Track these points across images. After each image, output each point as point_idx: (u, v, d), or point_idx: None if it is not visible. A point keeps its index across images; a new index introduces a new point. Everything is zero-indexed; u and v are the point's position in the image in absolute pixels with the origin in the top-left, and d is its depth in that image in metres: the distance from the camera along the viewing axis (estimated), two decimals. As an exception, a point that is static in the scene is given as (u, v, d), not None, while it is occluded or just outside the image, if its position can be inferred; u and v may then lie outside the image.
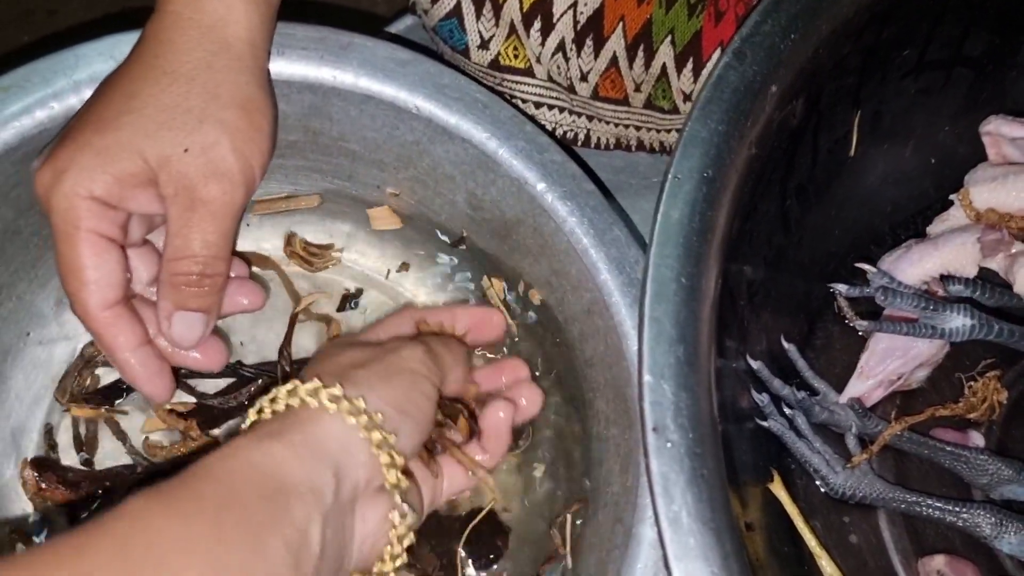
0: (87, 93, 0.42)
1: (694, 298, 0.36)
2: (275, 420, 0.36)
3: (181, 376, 0.50)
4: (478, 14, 0.51)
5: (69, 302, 0.38)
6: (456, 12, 0.50)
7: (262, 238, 0.54)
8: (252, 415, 0.37)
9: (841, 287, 0.50)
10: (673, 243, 0.36)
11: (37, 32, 0.93)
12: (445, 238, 0.52)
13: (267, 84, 0.41)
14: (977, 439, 0.50)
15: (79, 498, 0.46)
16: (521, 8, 0.51)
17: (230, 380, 0.51)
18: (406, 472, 0.37)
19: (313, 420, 0.35)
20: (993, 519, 0.46)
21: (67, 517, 0.45)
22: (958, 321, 0.46)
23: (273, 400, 0.37)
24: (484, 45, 0.51)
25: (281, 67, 0.44)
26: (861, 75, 0.49)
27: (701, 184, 0.37)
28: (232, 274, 0.42)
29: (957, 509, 0.47)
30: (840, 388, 0.50)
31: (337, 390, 0.36)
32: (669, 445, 0.33)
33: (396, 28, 0.57)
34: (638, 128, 0.57)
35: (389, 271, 0.55)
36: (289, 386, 0.36)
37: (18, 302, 0.47)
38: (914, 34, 0.49)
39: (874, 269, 0.48)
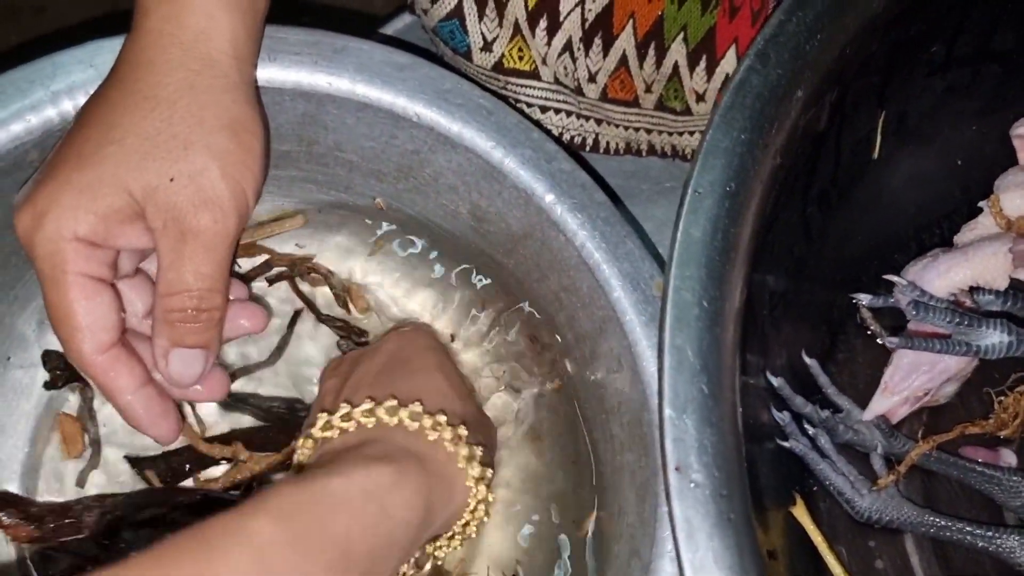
0: (66, 104, 0.40)
1: (717, 323, 0.33)
2: (376, 442, 0.38)
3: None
4: (481, 14, 0.48)
5: (63, 348, 0.36)
6: (457, 12, 0.47)
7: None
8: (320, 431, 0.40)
9: (863, 298, 0.47)
10: (695, 264, 0.34)
11: (24, 31, 0.91)
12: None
13: (255, 100, 0.39)
14: (1009, 457, 0.48)
15: (44, 534, 0.43)
16: (526, 6, 0.48)
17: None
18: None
19: (423, 454, 0.38)
20: (1028, 544, 0.44)
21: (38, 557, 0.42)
22: (995, 337, 0.43)
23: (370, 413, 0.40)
24: (487, 47, 0.49)
25: (273, 73, 0.41)
26: (887, 74, 0.46)
27: (723, 199, 0.35)
28: (231, 296, 0.40)
29: (990, 534, 0.44)
30: (864, 404, 0.48)
31: (463, 431, 0.40)
32: (693, 486, 0.31)
33: (393, 27, 0.55)
34: (649, 131, 0.54)
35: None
36: (415, 408, 0.40)
37: (-3, 325, 0.44)
38: (943, 28, 0.47)
39: (903, 281, 0.45)
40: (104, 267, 0.36)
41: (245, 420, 0.49)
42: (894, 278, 0.46)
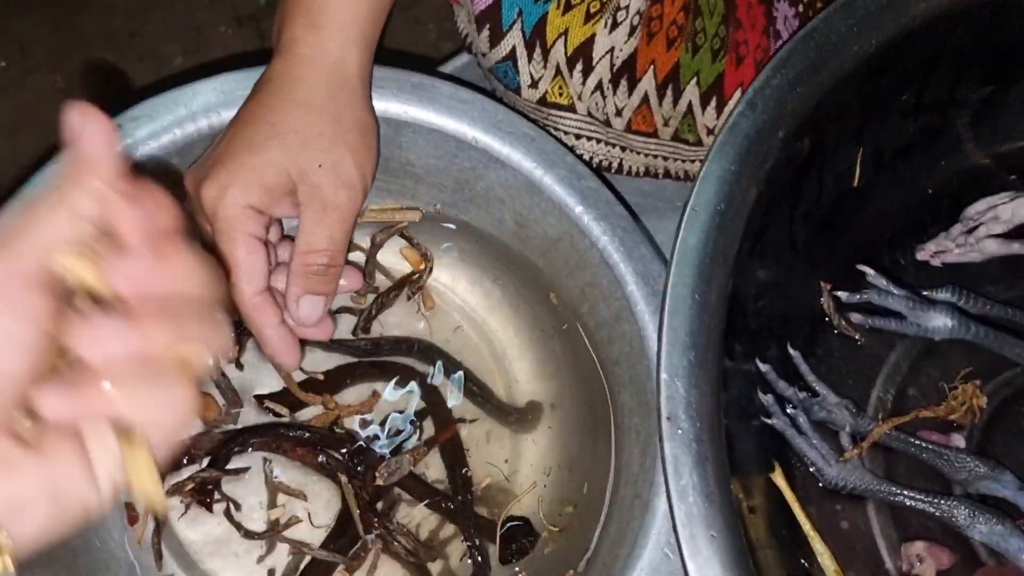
0: (202, 121, 0.50)
1: (705, 311, 0.43)
2: None
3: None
4: (530, 58, 0.58)
5: (231, 291, 0.46)
6: (511, 56, 0.57)
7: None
8: None
9: (842, 294, 0.57)
10: (689, 265, 0.43)
11: (119, 52, 1.02)
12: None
13: (373, 109, 0.50)
14: (958, 441, 0.57)
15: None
16: (566, 52, 0.58)
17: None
18: None
19: None
20: (967, 510, 0.52)
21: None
22: (939, 320, 0.53)
23: None
24: (534, 84, 0.59)
25: (361, 103, 0.52)
26: (863, 117, 0.56)
27: (714, 216, 0.45)
28: None
29: (936, 501, 0.53)
30: (839, 391, 0.57)
31: None
32: (680, 432, 0.40)
33: (452, 65, 0.65)
34: (666, 159, 0.64)
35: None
36: None
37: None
38: (911, 82, 0.56)
39: (872, 272, 0.55)
40: (263, 230, 0.46)
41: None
42: (866, 268, 0.55)
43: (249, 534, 0.54)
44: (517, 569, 0.54)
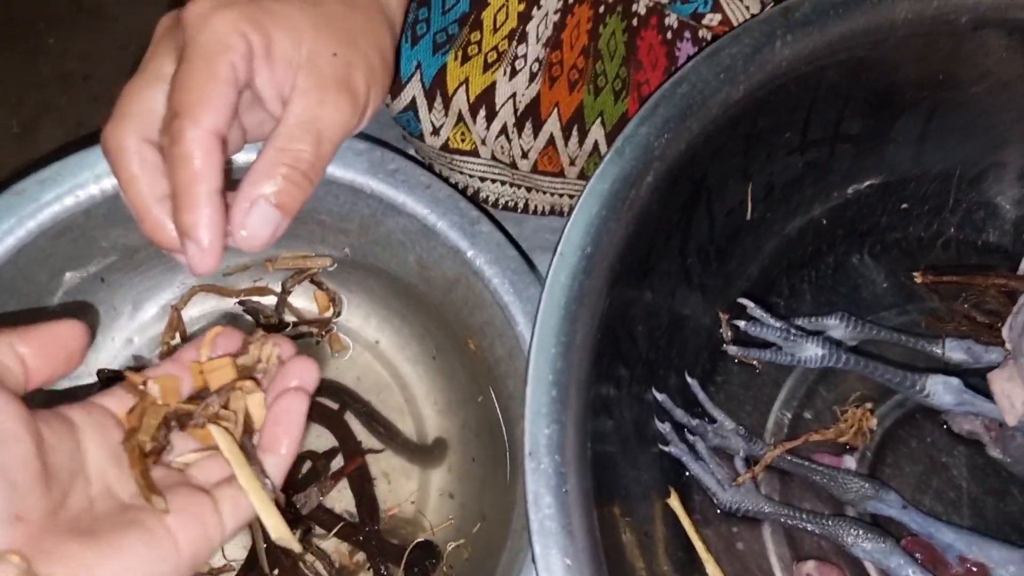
0: (105, 182, 0.53)
1: (570, 351, 0.45)
2: None
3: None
4: (430, 107, 0.61)
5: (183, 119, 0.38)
6: (412, 106, 0.60)
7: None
8: None
9: (740, 322, 0.59)
10: (555, 306, 0.46)
11: (74, 95, 1.05)
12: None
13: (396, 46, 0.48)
14: (850, 463, 0.59)
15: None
16: (468, 100, 0.61)
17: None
18: None
19: None
20: (852, 530, 0.54)
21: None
22: (811, 351, 0.55)
23: None
24: (436, 132, 0.61)
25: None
26: (746, 156, 0.58)
27: (581, 259, 0.47)
28: None
29: (823, 521, 0.55)
30: (739, 417, 0.59)
31: None
32: (541, 466, 0.43)
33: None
34: (572, 196, 0.66)
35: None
36: None
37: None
38: (791, 121, 0.58)
39: (751, 304, 0.57)
40: (244, 77, 0.38)
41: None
42: (745, 301, 0.58)
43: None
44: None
